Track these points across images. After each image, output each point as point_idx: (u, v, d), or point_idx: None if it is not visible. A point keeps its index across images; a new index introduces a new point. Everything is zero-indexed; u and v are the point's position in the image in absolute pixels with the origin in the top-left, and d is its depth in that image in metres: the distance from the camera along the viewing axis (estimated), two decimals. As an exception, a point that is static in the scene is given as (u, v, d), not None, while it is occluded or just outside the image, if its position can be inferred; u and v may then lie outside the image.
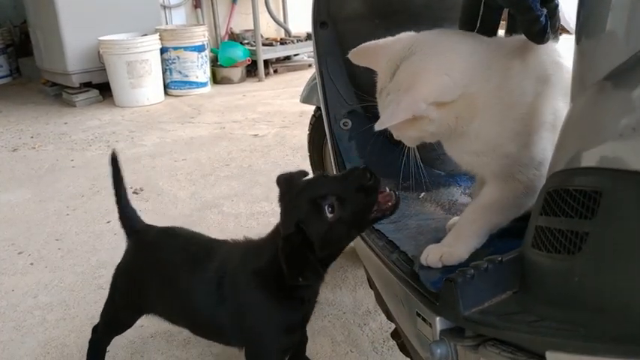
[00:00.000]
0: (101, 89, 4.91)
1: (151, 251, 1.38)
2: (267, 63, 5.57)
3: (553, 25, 0.94)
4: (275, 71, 5.72)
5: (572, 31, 0.79)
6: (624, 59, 0.63)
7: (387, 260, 1.15)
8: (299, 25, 6.00)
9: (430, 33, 1.01)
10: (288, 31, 6.06)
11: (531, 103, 0.95)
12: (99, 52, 4.68)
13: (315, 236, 1.04)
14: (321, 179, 1.13)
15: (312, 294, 1.23)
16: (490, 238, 1.05)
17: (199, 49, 4.96)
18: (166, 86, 5.01)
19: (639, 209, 0.56)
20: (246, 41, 5.68)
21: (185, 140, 3.73)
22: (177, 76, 4.98)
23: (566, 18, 1.86)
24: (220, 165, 3.21)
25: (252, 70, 5.56)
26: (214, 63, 5.44)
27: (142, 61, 4.64)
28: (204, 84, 5.10)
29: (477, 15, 1.01)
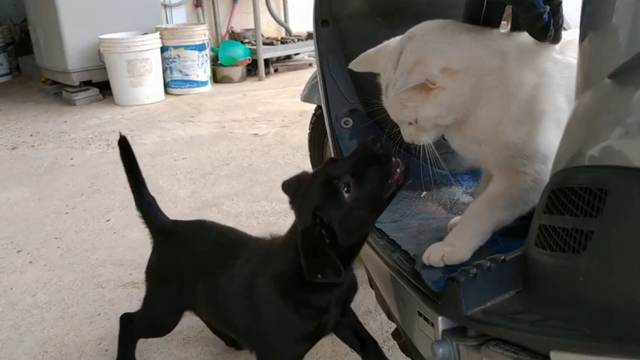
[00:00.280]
0: (101, 88, 4.90)
1: (185, 246, 1.36)
2: (267, 62, 5.56)
3: (556, 22, 0.94)
4: (275, 70, 5.71)
5: (571, 27, 0.79)
6: (630, 56, 0.62)
7: (388, 259, 1.15)
8: (300, 25, 6.00)
9: (425, 22, 1.04)
10: (288, 31, 6.06)
11: (530, 92, 0.96)
12: (99, 51, 4.67)
13: (335, 221, 0.98)
14: (330, 163, 1.06)
15: (331, 300, 1.14)
16: (493, 236, 1.05)
17: (200, 48, 4.95)
18: (167, 85, 5.00)
19: (646, 207, 0.55)
20: (247, 40, 5.67)
21: (185, 139, 3.72)
22: (177, 75, 4.97)
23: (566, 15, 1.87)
24: (220, 164, 3.20)
25: (252, 70, 5.55)
26: (215, 62, 5.44)
27: (143, 60, 4.64)
28: (204, 83, 5.10)
29: (479, 12, 1.01)
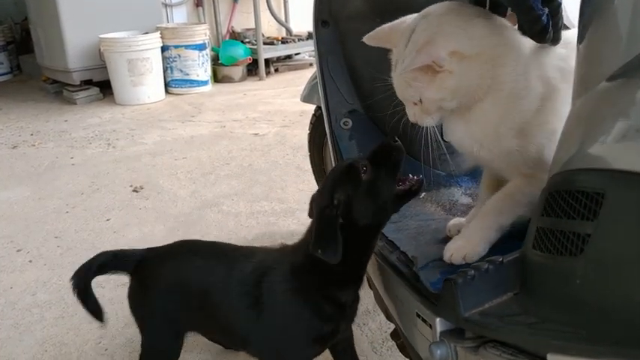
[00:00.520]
0: (102, 87, 4.91)
1: (176, 267, 1.31)
2: (268, 62, 5.57)
3: (556, 24, 0.94)
4: (276, 70, 5.72)
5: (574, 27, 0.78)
6: (627, 60, 0.62)
7: (387, 260, 1.15)
8: (300, 24, 6.00)
9: (442, 2, 1.02)
10: (289, 30, 6.06)
11: (536, 102, 0.94)
12: (100, 50, 4.68)
13: (353, 197, 1.04)
14: (349, 158, 1.17)
15: (347, 298, 1.16)
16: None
17: (200, 47, 4.95)
18: (167, 84, 5.00)
19: (643, 211, 0.55)
20: (248, 40, 5.68)
21: (185, 139, 3.72)
22: (178, 75, 4.98)
23: (568, 15, 1.86)
24: (220, 164, 3.20)
25: (253, 69, 5.55)
26: (215, 61, 5.44)
27: (143, 59, 4.64)
28: (205, 82, 5.10)
29: None
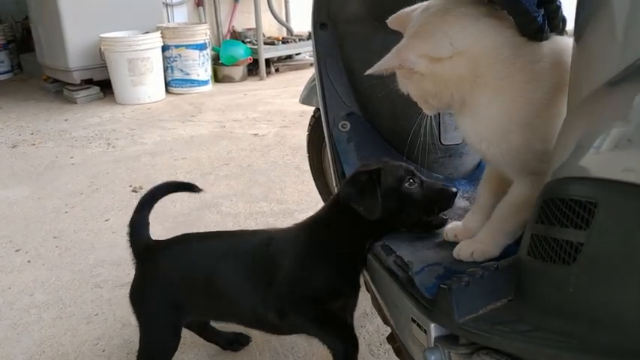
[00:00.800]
0: (102, 86, 4.91)
1: (182, 252, 1.43)
2: (268, 62, 5.56)
3: (556, 26, 0.93)
4: (276, 70, 5.71)
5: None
6: (622, 68, 0.62)
7: (383, 264, 1.15)
8: (301, 24, 6.00)
9: None
10: (290, 30, 6.06)
11: (548, 92, 0.90)
12: (100, 49, 4.68)
13: (388, 192, 1.19)
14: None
15: (364, 249, 1.25)
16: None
17: (201, 47, 4.95)
18: (167, 84, 5.00)
19: (634, 221, 0.55)
20: (248, 40, 5.67)
21: (185, 139, 3.72)
22: (178, 74, 4.98)
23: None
24: (220, 164, 3.20)
25: (253, 69, 5.55)
26: (216, 61, 5.44)
27: (144, 59, 4.64)
28: (205, 82, 5.10)
29: None
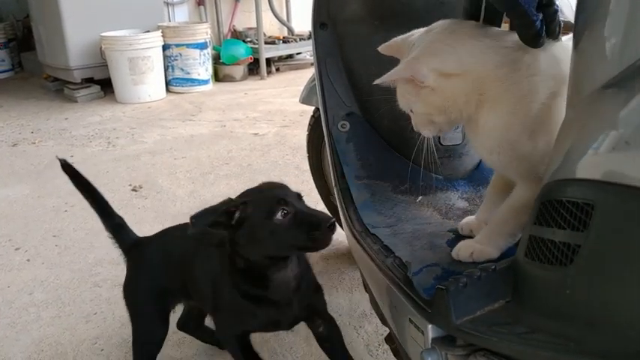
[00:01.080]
0: (103, 85, 4.91)
1: (165, 244, 1.45)
2: (269, 61, 5.56)
3: (553, 30, 0.94)
4: (277, 70, 5.71)
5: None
6: (621, 69, 0.62)
7: (382, 265, 1.15)
8: (302, 24, 5.99)
9: (449, 19, 1.04)
10: (290, 30, 6.05)
11: (544, 101, 0.92)
12: (101, 48, 4.68)
13: (252, 224, 1.18)
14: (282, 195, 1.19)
15: (265, 295, 1.21)
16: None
17: (202, 46, 4.95)
18: (168, 83, 5.00)
19: (632, 224, 0.55)
20: (249, 39, 5.67)
21: (185, 138, 3.72)
22: (179, 73, 4.98)
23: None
24: (220, 163, 3.20)
25: (254, 69, 5.55)
26: (216, 60, 5.44)
27: (144, 58, 4.64)
28: (205, 81, 5.10)
29: (477, 19, 1.00)
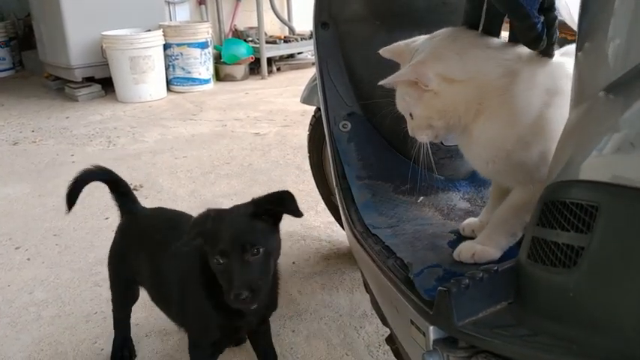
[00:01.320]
0: (103, 84, 4.90)
1: (141, 225, 1.51)
2: (270, 61, 5.55)
3: (551, 36, 0.94)
4: (278, 69, 5.71)
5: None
6: (624, 71, 0.61)
7: (383, 266, 1.14)
8: (303, 24, 5.98)
9: (453, 27, 1.05)
10: (292, 29, 6.05)
11: (538, 113, 0.95)
12: (102, 47, 4.67)
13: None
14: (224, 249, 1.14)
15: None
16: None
17: (203, 45, 4.95)
18: (169, 82, 5.00)
19: (636, 226, 0.55)
20: (250, 39, 5.67)
21: (186, 137, 3.72)
22: (180, 73, 4.97)
23: (575, 20, 1.84)
24: (221, 163, 3.20)
25: (255, 68, 5.55)
26: (217, 60, 5.44)
27: (145, 57, 4.63)
28: (206, 81, 5.10)
29: (478, 21, 1.00)
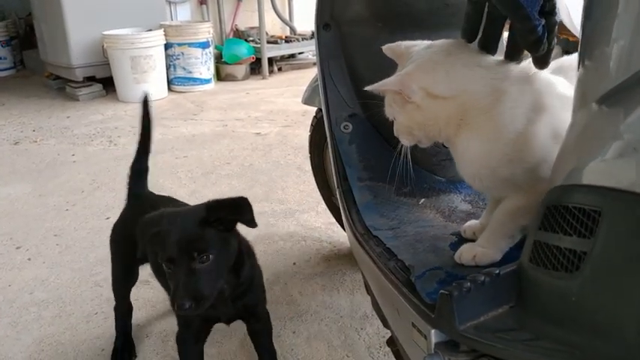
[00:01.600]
0: (104, 84, 4.90)
1: (144, 210, 1.51)
2: (271, 61, 5.56)
3: (550, 41, 0.94)
4: (279, 69, 5.71)
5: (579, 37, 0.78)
6: (627, 76, 0.61)
7: (384, 268, 1.14)
8: (304, 24, 5.98)
9: (451, 40, 1.06)
10: (293, 29, 6.04)
11: (523, 130, 0.95)
12: (103, 47, 4.67)
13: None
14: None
15: None
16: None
17: (204, 45, 4.95)
18: (170, 82, 5.00)
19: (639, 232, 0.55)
20: (251, 38, 5.67)
21: (187, 137, 3.72)
22: (181, 72, 4.97)
23: (574, 23, 1.83)
24: (221, 163, 3.20)
25: (256, 68, 5.55)
26: (218, 60, 5.44)
27: (146, 57, 4.63)
28: (207, 81, 5.10)
29: (479, 24, 1.00)
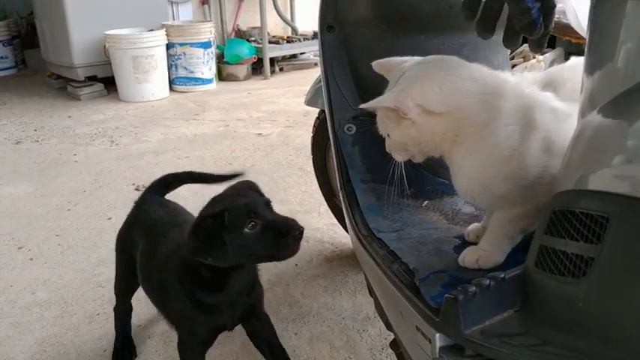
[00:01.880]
0: (106, 83, 4.91)
1: (143, 216, 1.57)
2: (273, 61, 5.55)
3: (547, 25, 0.93)
4: (281, 69, 5.71)
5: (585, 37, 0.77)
6: (635, 82, 0.61)
7: (388, 270, 1.14)
8: (306, 24, 5.98)
9: (444, 56, 1.06)
10: (295, 30, 6.04)
11: (516, 147, 0.95)
12: (105, 46, 4.67)
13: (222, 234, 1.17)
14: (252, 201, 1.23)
15: (222, 300, 1.27)
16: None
17: (205, 45, 4.95)
18: (171, 82, 5.00)
19: (648, 238, 0.54)
20: (253, 39, 5.67)
21: (189, 137, 3.72)
22: (182, 72, 4.97)
23: (582, 24, 1.82)
24: (223, 163, 3.20)
25: (257, 68, 5.55)
26: (220, 60, 5.43)
27: (148, 57, 4.64)
28: (209, 80, 5.09)
29: (476, 10, 0.99)
